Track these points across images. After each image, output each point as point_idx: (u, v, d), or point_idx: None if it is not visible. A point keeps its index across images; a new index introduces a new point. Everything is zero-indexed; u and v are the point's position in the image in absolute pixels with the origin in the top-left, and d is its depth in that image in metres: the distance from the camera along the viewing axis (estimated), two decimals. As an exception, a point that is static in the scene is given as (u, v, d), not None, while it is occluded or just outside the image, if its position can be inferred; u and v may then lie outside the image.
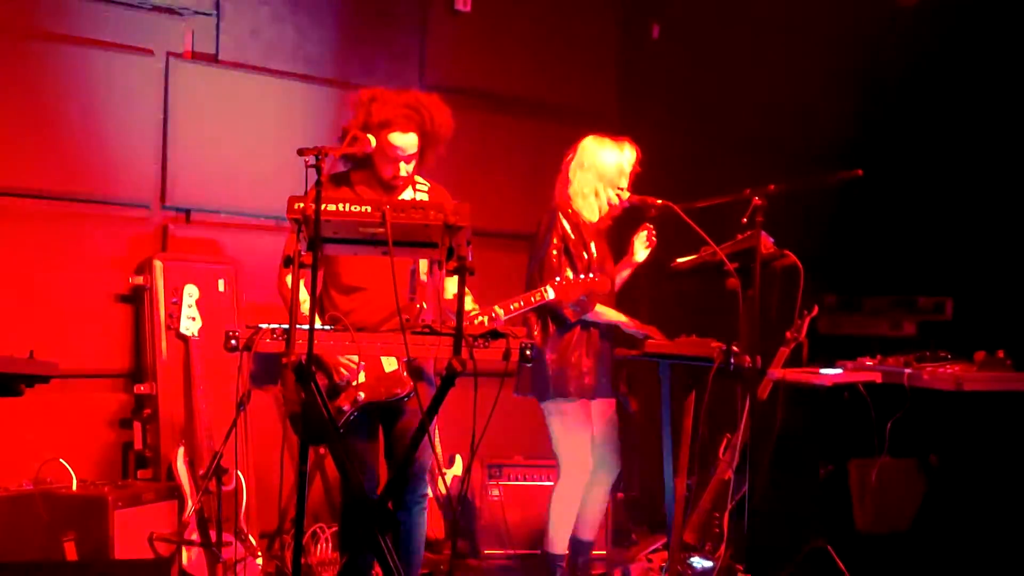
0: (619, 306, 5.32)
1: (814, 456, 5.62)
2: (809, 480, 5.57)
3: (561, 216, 5.19)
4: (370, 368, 4.47)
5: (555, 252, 5.15)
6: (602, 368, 5.22)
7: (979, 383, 4.94)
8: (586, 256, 5.15)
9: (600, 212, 5.26)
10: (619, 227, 5.50)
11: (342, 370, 4.44)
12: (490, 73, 6.88)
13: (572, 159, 5.27)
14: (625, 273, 5.44)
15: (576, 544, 5.38)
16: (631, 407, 5.40)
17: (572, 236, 5.16)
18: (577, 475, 5.25)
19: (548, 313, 5.15)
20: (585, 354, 5.17)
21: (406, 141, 4.53)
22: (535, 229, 5.29)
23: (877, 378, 5.15)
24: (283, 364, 3.74)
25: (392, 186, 4.62)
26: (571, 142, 5.36)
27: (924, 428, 5.39)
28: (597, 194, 5.23)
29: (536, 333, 5.19)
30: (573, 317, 5.12)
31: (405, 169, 4.59)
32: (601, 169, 5.22)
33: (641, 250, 5.36)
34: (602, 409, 5.31)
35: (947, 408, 5.16)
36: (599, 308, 5.15)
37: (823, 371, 5.17)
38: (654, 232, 5.33)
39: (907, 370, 5.10)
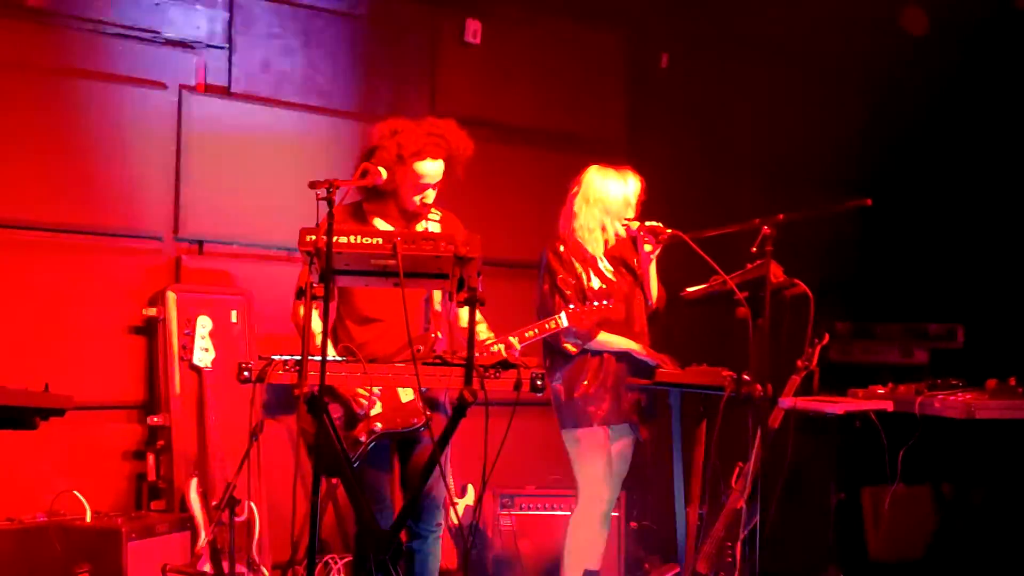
0: (631, 334, 5.29)
1: (826, 484, 5.61)
2: (822, 508, 5.56)
3: (549, 252, 5.21)
4: (387, 399, 4.49)
5: (547, 287, 5.17)
6: (616, 395, 5.20)
7: (990, 411, 4.93)
8: (577, 286, 5.13)
9: (607, 246, 5.27)
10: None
11: (361, 400, 4.45)
12: (500, 104, 6.92)
13: (577, 192, 5.27)
14: (651, 271, 5.31)
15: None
16: (642, 435, 5.39)
17: (559, 271, 5.16)
18: (594, 504, 5.22)
19: (553, 346, 5.16)
20: (599, 382, 5.16)
21: (436, 168, 4.56)
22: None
23: (889, 406, 5.14)
24: (295, 396, 3.76)
25: (415, 215, 4.65)
26: (581, 171, 5.37)
27: (936, 456, 5.38)
28: (604, 228, 5.24)
29: (547, 362, 5.20)
30: (575, 349, 5.14)
31: (431, 196, 4.62)
32: (607, 203, 5.22)
33: (643, 246, 5.25)
34: (619, 438, 5.30)
35: (959, 436, 5.15)
36: (605, 338, 5.14)
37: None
38: (643, 230, 5.19)
39: (918, 398, 5.09)
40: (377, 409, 4.47)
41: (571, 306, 4.98)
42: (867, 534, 5.90)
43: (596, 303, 4.96)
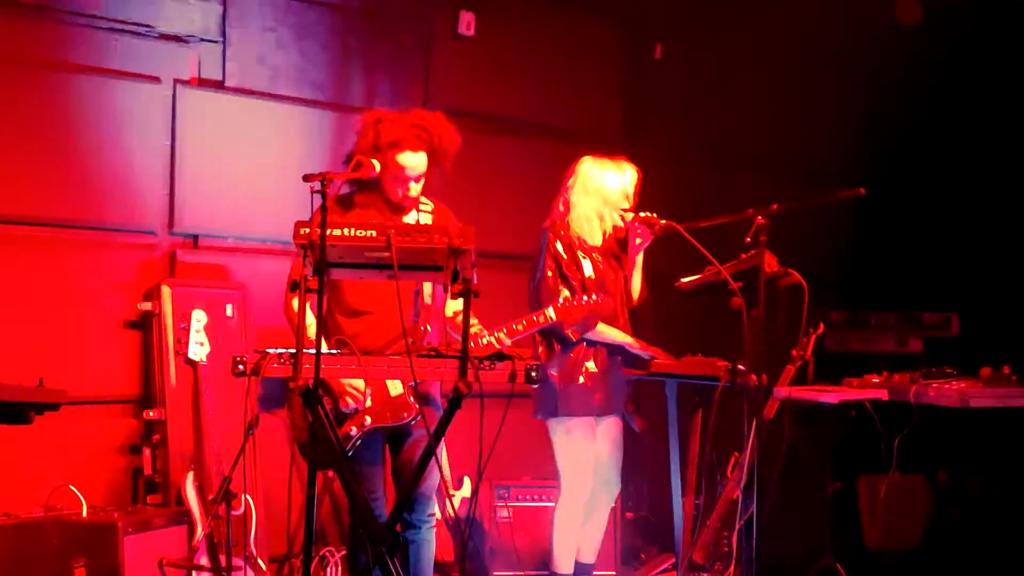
0: (617, 327, 5.29)
1: (822, 473, 5.62)
2: (817, 498, 5.57)
3: (553, 237, 5.20)
4: (376, 392, 4.48)
5: (550, 273, 5.15)
6: (609, 386, 5.21)
7: (984, 399, 4.94)
8: (579, 276, 5.15)
9: (604, 236, 5.27)
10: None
11: (347, 399, 4.45)
12: (494, 96, 6.91)
13: (574, 183, 5.27)
14: (638, 261, 5.32)
15: (577, 567, 5.35)
16: (637, 426, 5.40)
17: (565, 257, 5.16)
18: (577, 493, 5.24)
19: (552, 332, 5.16)
20: (591, 372, 5.17)
21: (416, 160, 4.54)
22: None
23: (884, 395, 5.16)
24: (290, 389, 3.76)
25: (400, 207, 4.64)
26: (575, 162, 5.36)
27: (931, 444, 5.39)
28: (602, 218, 5.24)
29: (541, 351, 5.20)
30: (575, 336, 5.13)
31: (415, 189, 4.61)
32: (605, 193, 5.22)
33: (635, 238, 5.28)
34: (608, 428, 5.30)
35: (954, 424, 5.16)
36: (602, 328, 5.15)
37: None
38: (638, 221, 5.21)
39: (913, 387, 5.10)
40: (367, 403, 4.47)
41: (560, 300, 4.97)
42: (863, 523, 5.91)
43: (585, 297, 4.96)
